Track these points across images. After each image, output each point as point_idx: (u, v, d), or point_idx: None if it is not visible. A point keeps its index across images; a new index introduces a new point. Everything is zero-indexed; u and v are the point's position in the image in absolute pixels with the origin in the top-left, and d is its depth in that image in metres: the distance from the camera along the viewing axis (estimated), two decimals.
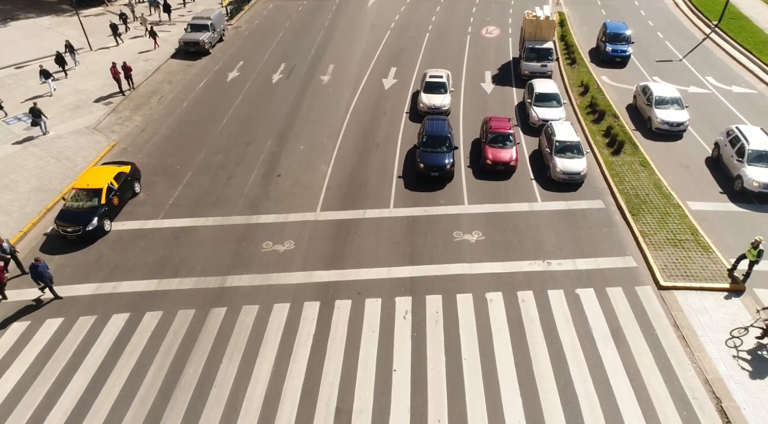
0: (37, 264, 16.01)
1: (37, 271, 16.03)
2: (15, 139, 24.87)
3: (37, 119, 24.83)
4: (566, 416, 13.31)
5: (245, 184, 22.41)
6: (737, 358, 14.61)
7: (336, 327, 15.92)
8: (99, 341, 15.53)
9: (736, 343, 15.03)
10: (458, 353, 15.04)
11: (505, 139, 22.80)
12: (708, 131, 25.09)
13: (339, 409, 13.64)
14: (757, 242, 16.14)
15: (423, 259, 18.36)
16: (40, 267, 16.03)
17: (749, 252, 16.35)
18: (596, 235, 19.33)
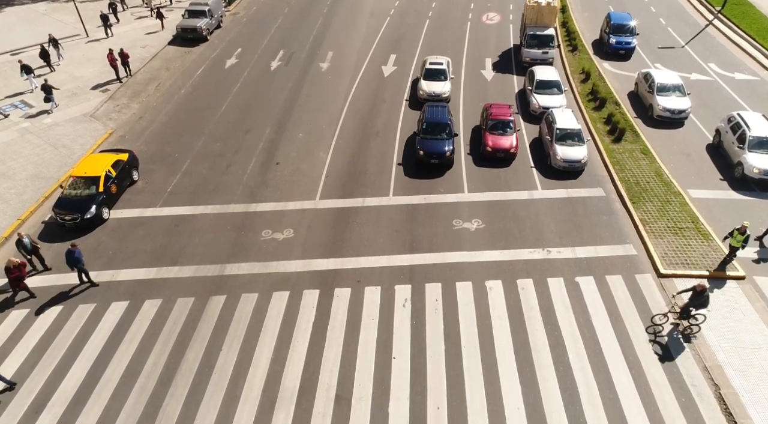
0: (73, 250, 15.97)
1: (73, 257, 15.98)
2: (12, 126, 24.67)
3: (49, 95, 25.55)
4: (565, 403, 13.36)
5: (244, 172, 22.29)
6: (654, 342, 14.77)
7: (335, 315, 15.92)
8: (98, 329, 15.53)
9: (657, 329, 15.10)
10: (457, 340, 15.06)
11: (506, 126, 22.64)
12: (710, 118, 24.91)
13: (339, 396, 13.68)
14: (744, 228, 16.12)
15: (422, 247, 18.32)
16: (76, 253, 15.98)
17: (735, 239, 16.30)
18: (596, 223, 19.27)
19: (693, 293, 14.30)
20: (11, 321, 15.79)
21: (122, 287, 16.87)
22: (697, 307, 14.43)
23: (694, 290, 14.31)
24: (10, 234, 18.82)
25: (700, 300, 14.29)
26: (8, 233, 18.80)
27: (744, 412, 12.99)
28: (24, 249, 16.62)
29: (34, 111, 25.97)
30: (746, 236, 16.17)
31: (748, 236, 16.23)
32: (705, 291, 14.23)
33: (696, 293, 14.26)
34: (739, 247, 16.40)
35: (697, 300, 14.29)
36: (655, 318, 15.32)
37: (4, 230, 18.87)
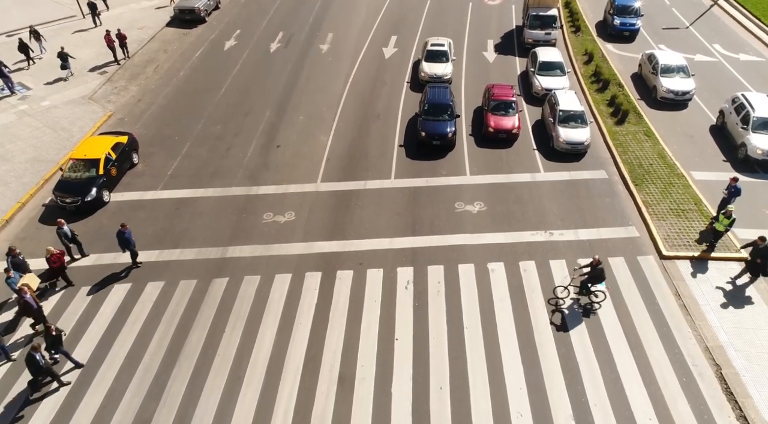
0: (124, 230, 15.92)
1: (123, 237, 15.94)
2: (10, 108, 24.42)
3: (65, 63, 26.28)
4: (567, 382, 13.45)
5: (244, 155, 22.14)
6: (556, 312, 15.09)
7: (338, 297, 15.94)
8: (101, 311, 15.56)
9: (558, 302, 15.37)
10: (460, 322, 15.11)
11: (508, 107, 22.45)
12: (714, 100, 24.68)
13: (342, 377, 13.76)
14: (730, 212, 16.11)
15: (424, 230, 18.27)
16: (126, 233, 15.93)
17: (720, 223, 16.25)
18: (599, 205, 19.20)
19: (590, 267, 14.67)
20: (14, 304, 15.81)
21: (124, 269, 16.85)
22: (593, 281, 14.70)
23: (590, 264, 14.66)
24: (11, 217, 18.77)
25: (595, 273, 14.58)
26: (8, 215, 18.74)
27: (745, 391, 13.09)
28: (65, 237, 16.44)
29: (32, 93, 25.72)
30: (732, 220, 16.12)
31: (734, 220, 16.18)
32: (599, 265, 14.55)
33: (591, 267, 14.61)
34: (724, 231, 16.34)
35: (593, 273, 14.61)
36: (557, 290, 15.62)
37: (5, 213, 18.79)
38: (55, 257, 15.47)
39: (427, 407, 13.02)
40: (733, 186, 17.09)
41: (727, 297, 15.58)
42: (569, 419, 12.72)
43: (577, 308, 15.18)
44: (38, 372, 12.89)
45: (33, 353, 12.62)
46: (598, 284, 14.87)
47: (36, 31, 28.51)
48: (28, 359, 12.64)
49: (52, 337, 13.28)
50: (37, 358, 12.66)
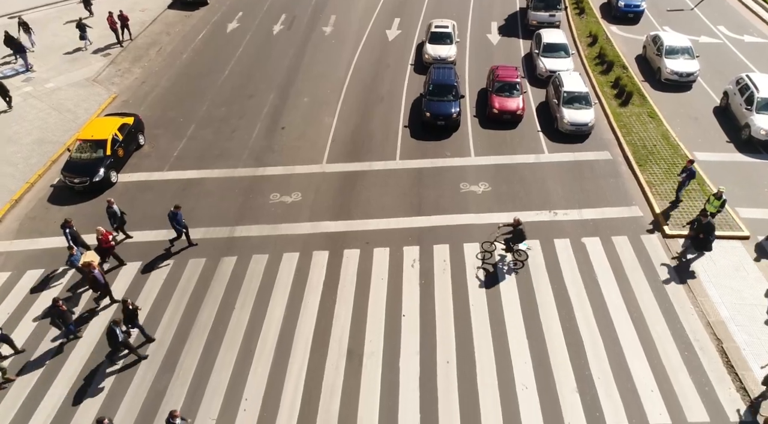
0: (176, 211, 16.10)
1: (176, 218, 16.10)
2: (14, 90, 24.36)
3: (83, 33, 27.07)
4: (570, 356, 13.74)
5: (249, 137, 22.22)
6: (481, 268, 16.01)
7: (345, 275, 16.17)
8: (112, 289, 15.76)
9: (485, 256, 16.31)
10: (466, 299, 15.35)
11: (512, 88, 22.48)
12: (718, 82, 24.67)
13: (350, 351, 14.04)
14: (720, 193, 16.24)
15: (430, 210, 18.45)
16: (178, 215, 16.11)
17: (711, 204, 16.38)
18: (603, 185, 19.35)
19: (511, 226, 15.63)
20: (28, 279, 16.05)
21: (134, 248, 17.07)
22: (514, 240, 15.61)
23: (511, 224, 15.61)
24: (20, 197, 18.95)
25: (515, 233, 15.48)
26: (17, 195, 18.92)
27: (745, 365, 13.38)
28: (113, 217, 16.57)
29: (36, 75, 25.70)
30: (723, 201, 16.28)
31: (725, 200, 16.34)
32: (519, 225, 15.46)
33: (512, 226, 15.54)
34: (716, 212, 16.49)
35: (514, 233, 15.52)
36: (484, 245, 16.55)
37: (14, 193, 18.95)
38: (105, 236, 15.65)
39: (434, 380, 13.32)
40: (689, 169, 17.32)
41: (729, 274, 15.81)
42: (573, 391, 13.02)
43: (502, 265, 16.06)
44: (117, 345, 13.22)
45: (114, 327, 12.91)
46: (520, 244, 15.76)
47: (24, 23, 27.02)
48: (109, 333, 12.96)
49: (128, 311, 13.53)
50: (117, 332, 12.93)
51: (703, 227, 15.50)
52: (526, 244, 15.94)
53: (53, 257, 16.75)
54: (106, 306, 15.30)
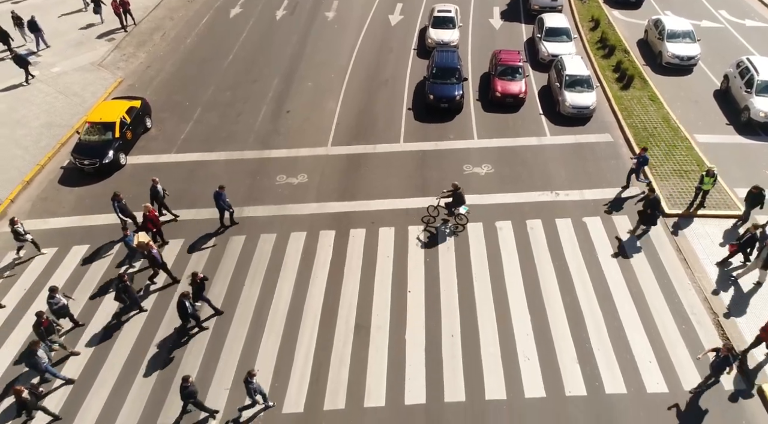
0: (221, 192, 16.41)
1: (220, 199, 16.41)
2: (20, 75, 24.59)
3: (98, 8, 27.93)
4: (571, 329, 14.18)
5: (255, 120, 22.49)
6: (426, 230, 17.09)
7: (352, 253, 16.56)
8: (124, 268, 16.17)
9: (429, 220, 17.34)
10: (469, 275, 15.76)
11: (515, 72, 22.71)
12: (718, 65, 24.87)
13: (358, 325, 14.47)
14: (712, 170, 16.65)
15: (434, 191, 18.75)
16: (223, 195, 16.42)
17: (706, 184, 16.72)
18: (604, 167, 19.67)
19: (451, 191, 16.59)
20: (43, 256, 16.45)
21: None
22: (455, 204, 16.63)
23: (451, 189, 16.60)
24: (31, 178, 19.28)
25: (455, 197, 16.49)
26: (29, 177, 19.25)
27: (741, 337, 13.82)
28: (155, 197, 16.88)
29: (41, 60, 25.87)
30: (714, 178, 16.67)
31: (716, 176, 16.76)
32: (458, 189, 16.45)
33: (452, 191, 16.53)
34: (710, 188, 16.85)
35: (453, 197, 16.53)
36: (429, 209, 17.54)
37: (25, 175, 19.28)
38: (152, 213, 15.99)
39: (440, 351, 13.77)
40: (642, 156, 17.72)
41: (725, 251, 16.16)
42: (573, 362, 13.47)
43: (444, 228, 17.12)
44: (186, 318, 13.64)
45: (183, 300, 13.31)
46: (460, 207, 16.69)
47: (18, 17, 26.23)
48: (179, 306, 13.37)
49: (196, 284, 13.91)
50: (187, 305, 13.33)
51: (650, 201, 16.07)
52: (465, 208, 16.86)
53: (66, 236, 17.13)
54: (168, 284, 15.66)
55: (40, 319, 12.93)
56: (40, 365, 12.42)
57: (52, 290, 13.68)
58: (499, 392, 12.88)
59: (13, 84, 24.19)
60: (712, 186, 16.80)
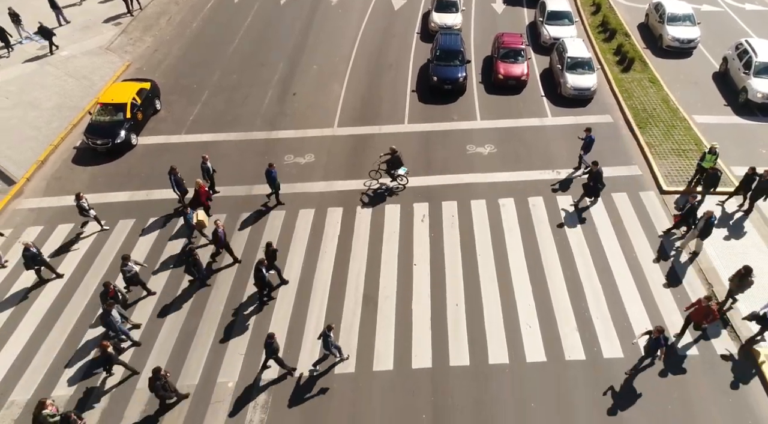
0: (271, 169, 16.82)
1: (271, 176, 16.84)
2: (29, 58, 24.99)
3: None
4: (571, 299, 14.75)
5: (262, 103, 22.92)
6: (366, 194, 18.06)
7: (359, 229, 17.09)
8: (140, 242, 16.73)
9: (371, 183, 18.40)
10: (473, 249, 16.30)
11: (517, 55, 23.09)
12: (718, 49, 25.20)
13: (366, 296, 15.04)
14: (714, 148, 17.08)
15: (438, 169, 19.28)
16: (273, 172, 16.84)
17: (707, 161, 17.15)
18: (604, 147, 20.10)
19: (389, 154, 17.59)
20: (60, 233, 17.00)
21: (157, 204, 17.95)
22: (393, 166, 17.69)
23: (389, 152, 17.58)
24: (45, 158, 19.78)
25: (393, 160, 17.58)
26: (43, 157, 19.75)
27: (735, 306, 14.39)
28: (207, 173, 17.34)
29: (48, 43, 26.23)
30: (716, 156, 17.12)
31: (718, 154, 17.19)
32: (396, 152, 17.50)
33: (390, 154, 17.49)
34: (711, 166, 17.28)
35: (391, 160, 17.60)
36: (371, 173, 18.66)
37: (39, 155, 19.77)
38: (203, 188, 16.55)
39: (445, 320, 14.35)
40: (588, 136, 18.20)
41: (722, 227, 16.72)
42: (573, 330, 14.06)
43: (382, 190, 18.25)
44: (263, 286, 14.23)
45: (260, 267, 13.85)
46: (399, 169, 17.75)
47: (15, 14, 25.45)
48: (256, 272, 13.92)
49: (270, 253, 14.40)
50: (263, 272, 13.87)
51: (593, 175, 16.75)
52: (404, 169, 17.92)
53: None
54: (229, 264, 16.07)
55: (107, 288, 13.52)
56: (114, 325, 13.09)
57: (125, 258, 14.24)
58: (501, 357, 13.48)
59: (24, 67, 24.57)
60: (713, 164, 17.26)
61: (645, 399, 12.62)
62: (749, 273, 13.39)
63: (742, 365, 13.24)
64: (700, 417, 12.30)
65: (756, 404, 12.54)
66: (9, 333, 14.27)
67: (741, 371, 13.12)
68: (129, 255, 14.44)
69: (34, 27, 25.69)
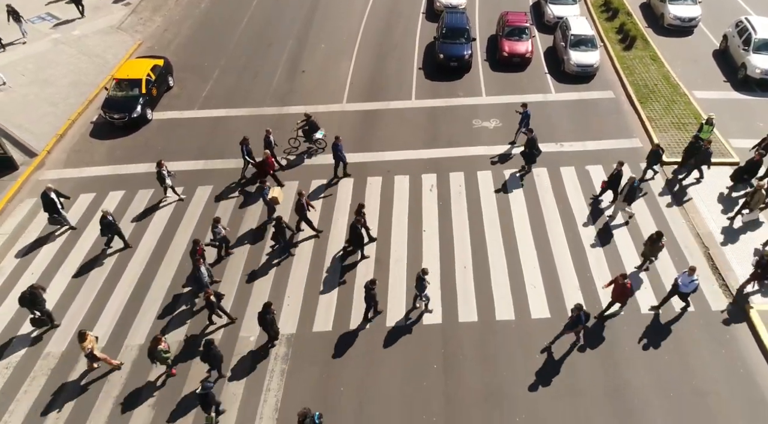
0: (338, 143, 17.39)
1: (337, 149, 17.43)
2: (43, 37, 25.47)
3: None
4: (573, 261, 15.47)
5: (272, 80, 23.47)
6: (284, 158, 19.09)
7: (369, 198, 17.74)
8: (159, 212, 17.39)
9: (291, 149, 19.48)
10: (480, 216, 16.97)
11: (521, 33, 23.59)
12: (718, 28, 25.60)
13: (378, 259, 15.74)
14: (711, 119, 17.71)
15: (445, 143, 19.89)
16: (339, 146, 17.40)
17: (705, 132, 17.73)
18: (606, 121, 20.73)
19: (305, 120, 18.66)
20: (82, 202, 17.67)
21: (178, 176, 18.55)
22: (310, 131, 18.74)
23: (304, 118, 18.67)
24: (64, 132, 20.38)
25: (309, 124, 18.63)
26: (62, 131, 20.35)
27: (728, 266, 15.13)
28: (269, 146, 17.95)
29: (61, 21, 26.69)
30: (713, 126, 17.74)
31: (714, 125, 17.82)
32: (310, 117, 18.64)
33: (306, 119, 18.64)
34: (708, 137, 17.86)
35: (307, 124, 18.65)
36: (290, 141, 19.59)
37: (58, 129, 20.37)
38: (269, 159, 17.27)
39: (453, 280, 15.07)
40: (525, 111, 18.75)
41: (717, 195, 17.37)
42: (576, 289, 14.78)
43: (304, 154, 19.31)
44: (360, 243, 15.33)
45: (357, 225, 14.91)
46: (316, 133, 18.90)
47: (14, 11, 24.32)
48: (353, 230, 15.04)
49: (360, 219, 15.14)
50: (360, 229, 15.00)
51: (528, 141, 17.70)
52: (321, 132, 19.03)
53: (102, 183, 18.33)
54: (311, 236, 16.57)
55: (195, 246, 14.26)
56: (202, 280, 13.93)
57: (216, 220, 15.06)
58: (508, 314, 14.22)
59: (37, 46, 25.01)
60: (710, 134, 17.87)
61: (643, 349, 13.38)
62: (660, 238, 14.11)
63: (734, 319, 13.99)
64: (696, 366, 13.06)
65: (747, 353, 13.32)
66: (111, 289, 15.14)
67: (733, 325, 13.87)
68: (219, 217, 15.30)
69: None
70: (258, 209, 17.39)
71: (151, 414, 12.42)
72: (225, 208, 17.44)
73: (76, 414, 12.43)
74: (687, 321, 14.02)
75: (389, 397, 12.61)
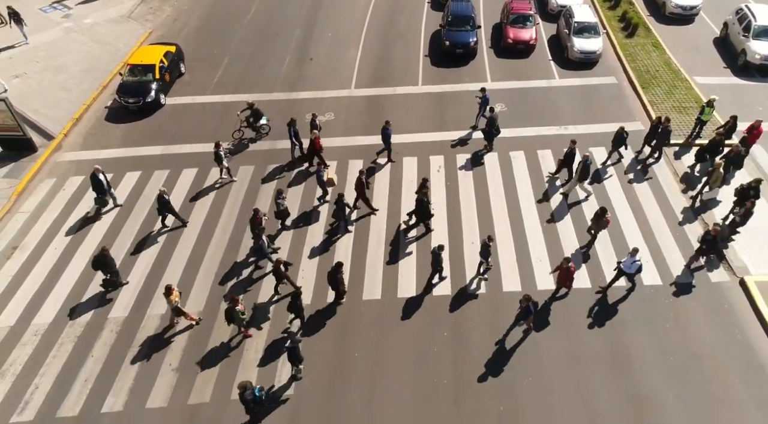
0: (387, 127, 17.77)
1: (386, 133, 17.81)
2: (55, 26, 25.92)
3: None
4: (578, 236, 15.98)
5: (281, 67, 23.97)
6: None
7: (379, 178, 18.26)
8: (175, 189, 17.90)
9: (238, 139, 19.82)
10: (486, 195, 17.48)
11: (526, 20, 24.05)
12: (719, 16, 26.04)
13: (388, 239, 16.24)
14: (712, 101, 18.22)
15: (451, 126, 20.38)
16: (389, 130, 17.77)
17: (706, 114, 18.22)
18: (608, 105, 21.21)
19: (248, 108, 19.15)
20: None
21: (189, 157, 19.10)
22: (254, 120, 19.28)
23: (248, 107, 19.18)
24: (80, 116, 20.89)
25: (252, 113, 19.12)
26: (78, 115, 20.86)
27: None
28: (315, 128, 18.33)
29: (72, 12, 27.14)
30: (713, 108, 18.26)
31: (714, 106, 18.33)
32: (253, 105, 19.12)
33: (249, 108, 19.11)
34: (709, 119, 18.34)
35: (251, 113, 19.12)
36: (234, 134, 19.81)
37: (73, 113, 20.87)
38: (317, 140, 17.78)
39: (462, 255, 15.60)
40: (484, 96, 19.22)
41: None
42: (579, 262, 15.28)
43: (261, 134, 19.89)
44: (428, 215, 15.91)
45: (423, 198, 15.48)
46: (260, 120, 19.39)
47: (15, 12, 23.79)
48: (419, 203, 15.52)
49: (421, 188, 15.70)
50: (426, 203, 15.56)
51: (489, 120, 18.34)
52: (265, 118, 19.53)
53: (119, 165, 18.83)
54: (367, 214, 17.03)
55: (256, 215, 14.76)
56: (264, 249, 14.66)
57: (280, 191, 15.65)
58: (514, 286, 14.75)
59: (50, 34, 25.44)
60: (711, 116, 18.35)
61: (646, 319, 13.91)
62: (604, 213, 14.60)
63: (733, 290, 14.52)
64: (695, 334, 13.60)
65: (745, 323, 13.85)
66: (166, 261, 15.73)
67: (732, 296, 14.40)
68: (283, 189, 15.97)
69: None
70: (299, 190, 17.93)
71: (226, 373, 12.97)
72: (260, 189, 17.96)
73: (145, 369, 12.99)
74: (686, 292, 14.52)
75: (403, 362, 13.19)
